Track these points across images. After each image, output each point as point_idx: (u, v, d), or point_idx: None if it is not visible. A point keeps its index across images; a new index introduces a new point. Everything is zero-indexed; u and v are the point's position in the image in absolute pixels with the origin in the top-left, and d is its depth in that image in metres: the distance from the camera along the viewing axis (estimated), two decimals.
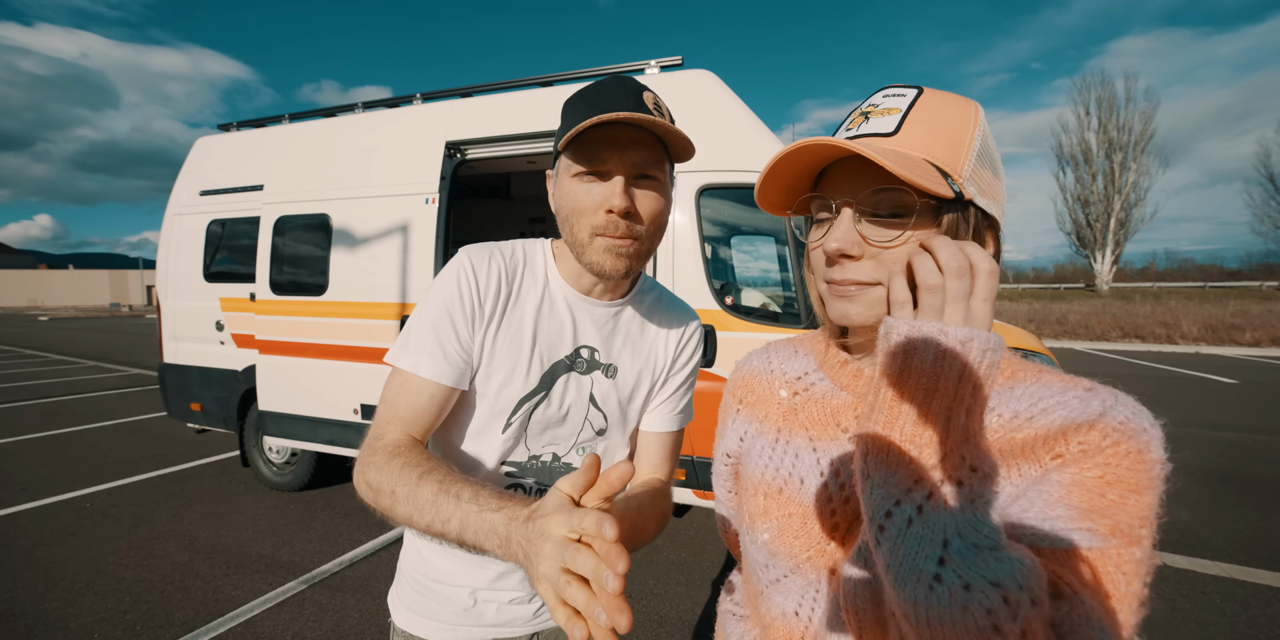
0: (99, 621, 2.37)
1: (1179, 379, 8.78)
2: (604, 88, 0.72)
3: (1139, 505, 0.43)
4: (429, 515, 0.62)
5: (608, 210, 0.70)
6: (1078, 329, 15.41)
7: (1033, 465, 0.47)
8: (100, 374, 9.66)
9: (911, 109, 0.51)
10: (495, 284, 0.77)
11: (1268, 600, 2.55)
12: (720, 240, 3.11)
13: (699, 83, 2.84)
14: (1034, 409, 0.49)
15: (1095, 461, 0.44)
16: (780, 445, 0.61)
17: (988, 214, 0.51)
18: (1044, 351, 3.31)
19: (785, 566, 0.57)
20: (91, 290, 59.09)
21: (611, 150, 0.70)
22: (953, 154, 0.49)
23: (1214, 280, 38.10)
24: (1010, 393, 0.51)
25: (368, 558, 2.97)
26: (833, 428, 0.58)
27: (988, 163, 0.51)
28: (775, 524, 0.58)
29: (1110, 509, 0.43)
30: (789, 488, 0.58)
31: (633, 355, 0.86)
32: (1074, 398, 0.48)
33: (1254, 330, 13.46)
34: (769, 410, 0.65)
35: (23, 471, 4.35)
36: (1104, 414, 0.46)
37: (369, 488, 0.68)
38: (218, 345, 3.96)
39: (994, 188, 0.52)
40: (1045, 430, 0.47)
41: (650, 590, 2.66)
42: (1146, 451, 0.44)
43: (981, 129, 0.51)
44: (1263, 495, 3.76)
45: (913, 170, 0.46)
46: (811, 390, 0.62)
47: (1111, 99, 30.47)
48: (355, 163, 3.39)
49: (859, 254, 0.52)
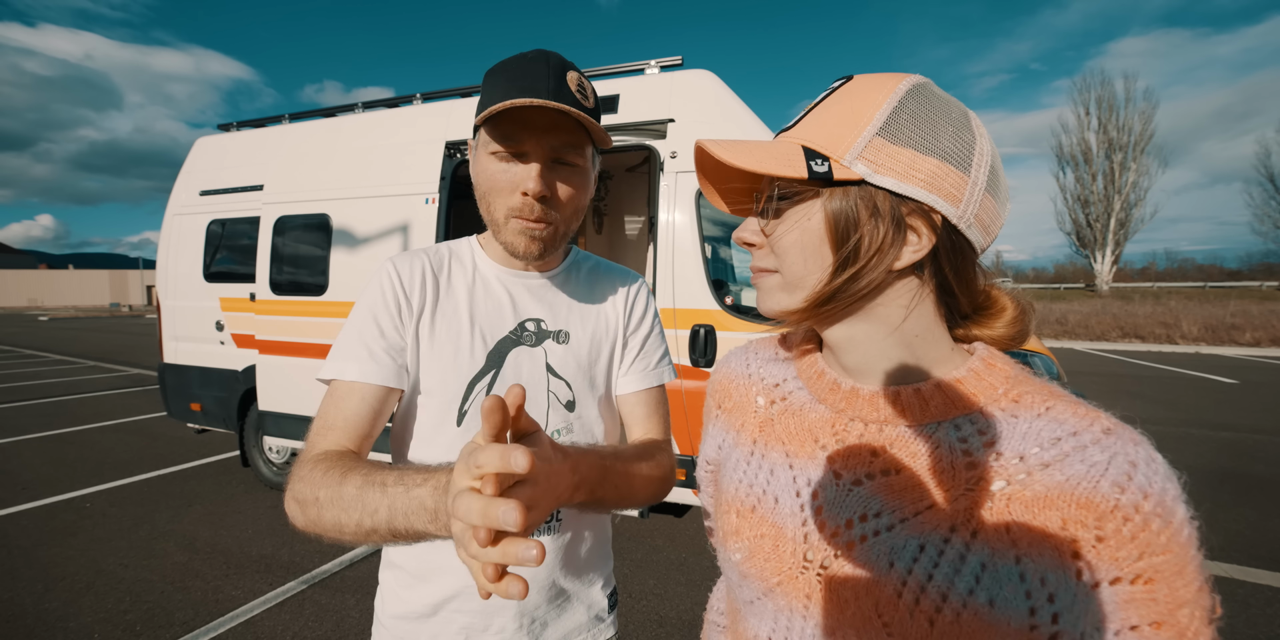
0: (99, 621, 2.37)
1: (1179, 379, 8.78)
2: (526, 64, 0.70)
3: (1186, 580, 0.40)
4: (356, 513, 0.56)
5: (523, 193, 0.71)
6: (1078, 329, 15.40)
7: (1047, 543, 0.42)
8: (100, 374, 9.66)
9: (825, 98, 0.49)
10: (420, 278, 0.77)
11: (1268, 600, 2.55)
12: (720, 240, 3.11)
13: (699, 83, 2.84)
14: (1046, 454, 0.43)
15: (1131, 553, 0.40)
16: (755, 459, 0.57)
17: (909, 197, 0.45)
18: (1044, 351, 3.31)
19: (757, 589, 0.54)
20: (91, 290, 59.09)
21: (529, 133, 0.70)
22: (839, 135, 0.46)
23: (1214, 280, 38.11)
24: (1014, 425, 0.45)
25: (368, 558, 2.97)
26: (810, 444, 0.54)
27: (906, 138, 0.45)
28: (746, 545, 0.55)
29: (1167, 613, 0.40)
30: (762, 506, 0.54)
31: (581, 319, 0.85)
32: (1094, 444, 0.43)
33: (1254, 330, 13.45)
34: (745, 419, 0.61)
35: (23, 471, 4.35)
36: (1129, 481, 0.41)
37: (295, 503, 0.62)
38: (218, 345, 3.96)
39: (917, 166, 0.45)
40: (1060, 493, 0.42)
41: (650, 590, 2.66)
42: (1173, 518, 0.40)
43: (894, 103, 0.46)
44: (1263, 495, 3.76)
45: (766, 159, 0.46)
46: (789, 400, 0.58)
47: (1111, 99, 30.49)
48: (355, 163, 3.39)
49: (758, 242, 0.52)
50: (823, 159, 0.45)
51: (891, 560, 0.46)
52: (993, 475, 0.44)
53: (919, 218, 0.46)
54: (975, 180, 0.46)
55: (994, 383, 0.48)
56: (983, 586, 0.42)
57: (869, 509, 0.48)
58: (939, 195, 0.45)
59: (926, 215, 0.46)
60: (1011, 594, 0.42)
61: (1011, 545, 0.42)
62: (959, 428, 0.47)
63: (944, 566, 0.44)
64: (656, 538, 3.25)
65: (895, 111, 0.46)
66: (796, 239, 0.48)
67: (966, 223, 0.47)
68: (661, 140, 2.82)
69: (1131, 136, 29.90)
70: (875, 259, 0.46)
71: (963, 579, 0.43)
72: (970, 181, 0.46)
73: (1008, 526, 0.43)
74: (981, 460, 0.45)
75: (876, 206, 0.46)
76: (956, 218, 0.46)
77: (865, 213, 0.46)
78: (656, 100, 2.84)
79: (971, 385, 0.48)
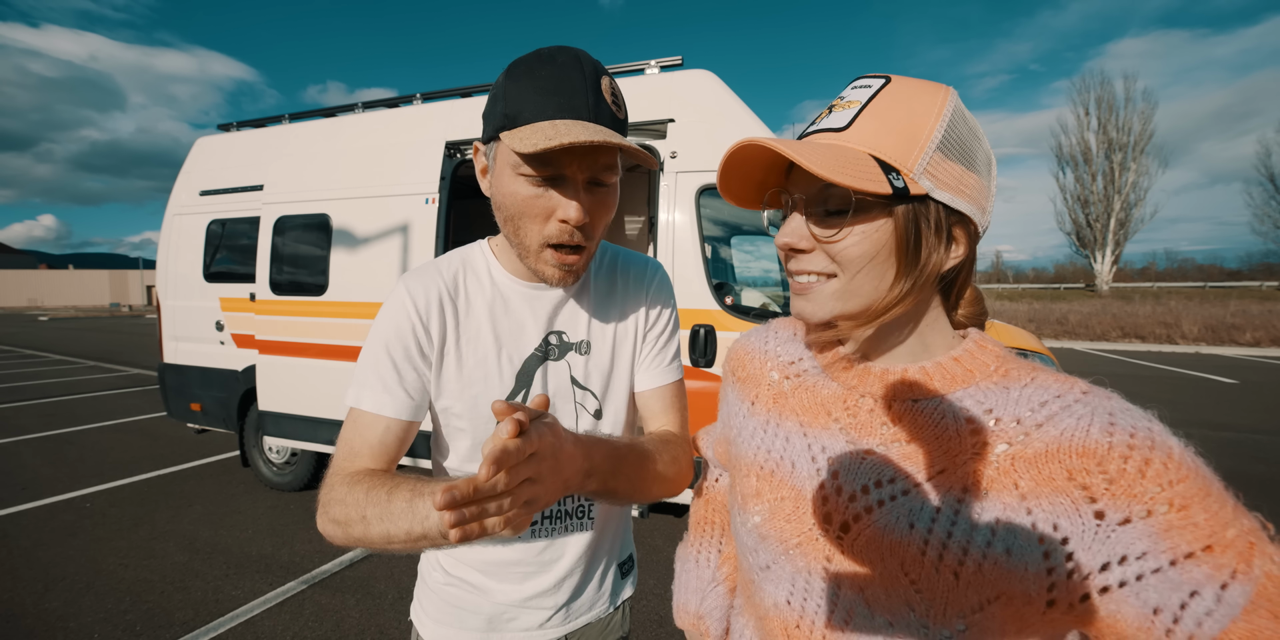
0: (99, 621, 2.37)
1: (1179, 379, 8.78)
2: (558, 70, 0.64)
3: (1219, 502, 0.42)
4: (407, 522, 0.58)
5: (561, 220, 0.67)
6: (1078, 329, 15.40)
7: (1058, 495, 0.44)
8: (100, 374, 9.66)
9: (871, 101, 0.49)
10: (438, 305, 0.75)
11: None
12: (720, 240, 3.11)
13: (699, 82, 2.84)
14: (1037, 416, 0.47)
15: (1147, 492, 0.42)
16: (771, 427, 0.61)
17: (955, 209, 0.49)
18: (1044, 351, 3.31)
19: (774, 551, 0.57)
20: (91, 290, 59.08)
21: (570, 156, 0.65)
22: (905, 147, 0.47)
23: (1214, 280, 38.10)
24: (1006, 394, 0.50)
25: (368, 558, 2.97)
26: (823, 416, 0.57)
27: (956, 154, 0.48)
28: (767, 506, 0.58)
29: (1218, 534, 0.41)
30: (780, 470, 0.58)
31: (602, 326, 0.83)
32: (1076, 403, 0.47)
33: (1254, 330, 13.45)
34: (760, 390, 0.64)
35: (23, 471, 4.35)
36: (1113, 426, 0.44)
37: (335, 524, 0.64)
38: (218, 345, 3.96)
39: (964, 181, 0.49)
40: (1057, 446, 0.45)
41: (650, 590, 2.66)
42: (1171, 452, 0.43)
43: (948, 118, 0.48)
44: (1263, 495, 3.76)
45: (845, 167, 0.46)
46: (803, 377, 0.61)
47: (1111, 99, 30.47)
48: (355, 163, 3.39)
49: (808, 247, 0.52)
50: (896, 173, 0.47)
51: (911, 522, 0.49)
52: (994, 439, 0.48)
53: (960, 228, 0.50)
54: (992, 190, 0.52)
55: (986, 361, 0.53)
56: (999, 538, 0.46)
57: (883, 475, 0.52)
58: (976, 208, 0.50)
59: (965, 225, 0.51)
60: (1026, 542, 0.45)
61: (1021, 498, 0.46)
62: (960, 400, 0.51)
63: (961, 524, 0.47)
64: (656, 538, 3.25)
65: (950, 127, 0.48)
66: (867, 250, 0.50)
67: (984, 228, 0.52)
68: (661, 140, 2.82)
69: (1131, 136, 29.89)
70: (931, 271, 0.50)
71: (980, 533, 0.46)
72: (990, 192, 0.52)
73: (1015, 483, 0.46)
74: (983, 426, 0.49)
75: (933, 220, 0.49)
76: (982, 227, 0.52)
77: (926, 226, 0.49)
78: (656, 100, 2.84)
79: (968, 363, 0.53)
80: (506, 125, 0.65)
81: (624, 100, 0.71)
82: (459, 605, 0.83)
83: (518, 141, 0.61)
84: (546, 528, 0.81)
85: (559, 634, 0.85)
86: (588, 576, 0.87)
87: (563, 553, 0.82)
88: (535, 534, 0.81)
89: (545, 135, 0.60)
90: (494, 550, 0.81)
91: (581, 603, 0.86)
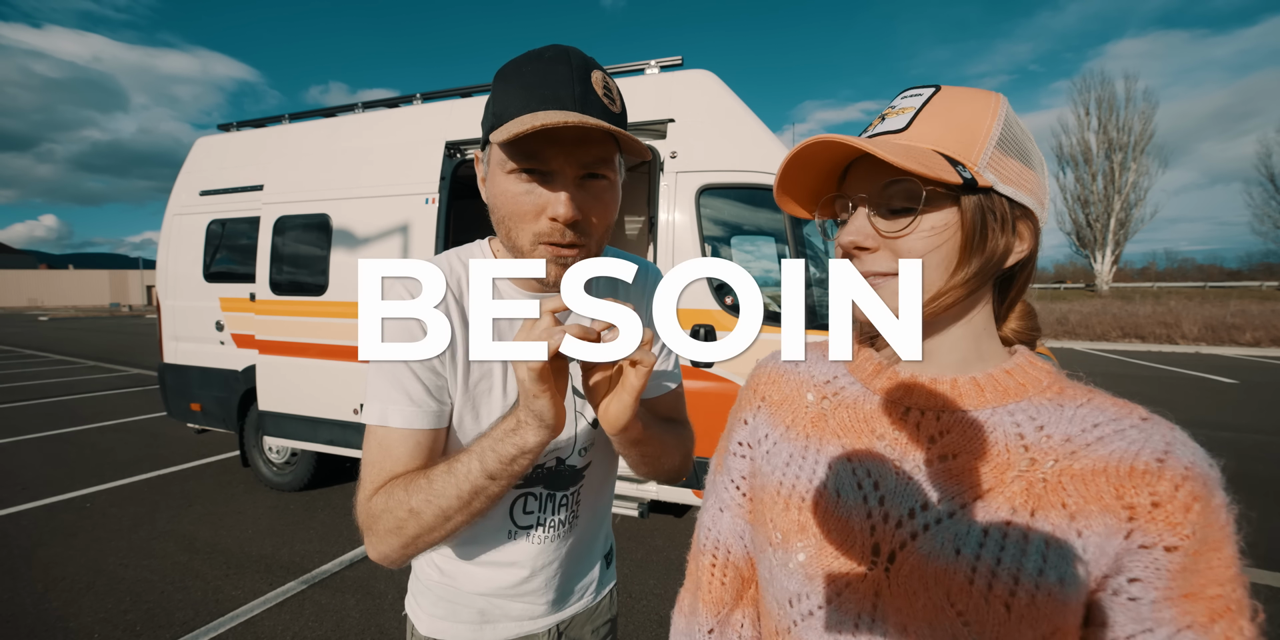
0: (99, 621, 2.37)
1: (1179, 379, 8.78)
2: (545, 66, 0.62)
3: (1224, 562, 0.42)
4: (453, 488, 0.62)
5: (552, 218, 0.63)
6: (1078, 329, 15.40)
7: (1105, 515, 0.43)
8: (100, 374, 9.66)
9: (925, 105, 0.50)
10: (444, 309, 0.72)
11: (1267, 600, 2.54)
12: (720, 240, 3.11)
13: (699, 83, 2.84)
14: (1089, 436, 0.46)
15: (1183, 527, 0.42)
16: (811, 453, 0.56)
17: (1019, 204, 0.49)
18: (1044, 351, 3.31)
19: (822, 595, 0.51)
20: (91, 290, 59.08)
21: (555, 149, 0.62)
22: (967, 143, 0.48)
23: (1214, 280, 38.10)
24: (1060, 412, 0.48)
25: (368, 558, 2.97)
26: (867, 435, 0.53)
27: (1014, 152, 0.49)
28: (814, 542, 0.52)
29: (1202, 588, 0.42)
30: (825, 501, 0.53)
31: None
32: (1132, 428, 0.46)
33: (1254, 330, 13.45)
34: (796, 415, 0.59)
35: (23, 471, 4.35)
36: (1168, 453, 0.43)
37: (391, 533, 0.65)
38: (218, 345, 3.96)
39: (1024, 177, 0.50)
40: (1105, 465, 0.44)
41: (650, 590, 2.66)
42: (1215, 497, 0.42)
43: (1003, 119, 0.49)
44: (1263, 495, 3.77)
45: (916, 159, 0.46)
46: (841, 394, 0.57)
47: (1111, 99, 30.47)
48: (355, 163, 3.39)
49: (873, 246, 0.51)
50: (962, 166, 0.47)
51: (958, 547, 0.45)
52: (1044, 456, 0.46)
53: (1024, 223, 0.50)
54: (1048, 189, 0.53)
55: (1039, 376, 0.51)
56: (1050, 565, 0.43)
57: (930, 497, 0.48)
58: (1037, 203, 0.50)
59: (1029, 221, 0.51)
60: (1077, 569, 0.43)
61: (1070, 519, 0.44)
62: (1012, 414, 0.49)
63: (1010, 549, 0.44)
64: (657, 538, 3.25)
65: (1006, 126, 0.49)
66: (934, 243, 0.49)
67: (1043, 223, 0.52)
68: (661, 140, 2.82)
69: (1131, 137, 29.89)
70: (997, 265, 0.50)
71: (1030, 559, 0.43)
72: (1047, 191, 0.52)
73: (1063, 502, 0.44)
74: (1034, 443, 0.47)
75: (999, 212, 0.49)
76: (1042, 222, 0.51)
77: (993, 218, 0.49)
78: (656, 100, 2.84)
79: (1021, 376, 0.51)
80: (494, 125, 0.63)
81: (620, 95, 0.68)
82: (452, 600, 0.85)
83: (499, 135, 0.60)
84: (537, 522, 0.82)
85: (549, 623, 0.88)
86: (575, 568, 0.89)
87: (551, 546, 0.84)
88: (526, 529, 0.82)
89: (520, 122, 0.58)
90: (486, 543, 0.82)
91: (571, 593, 0.89)
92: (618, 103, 0.66)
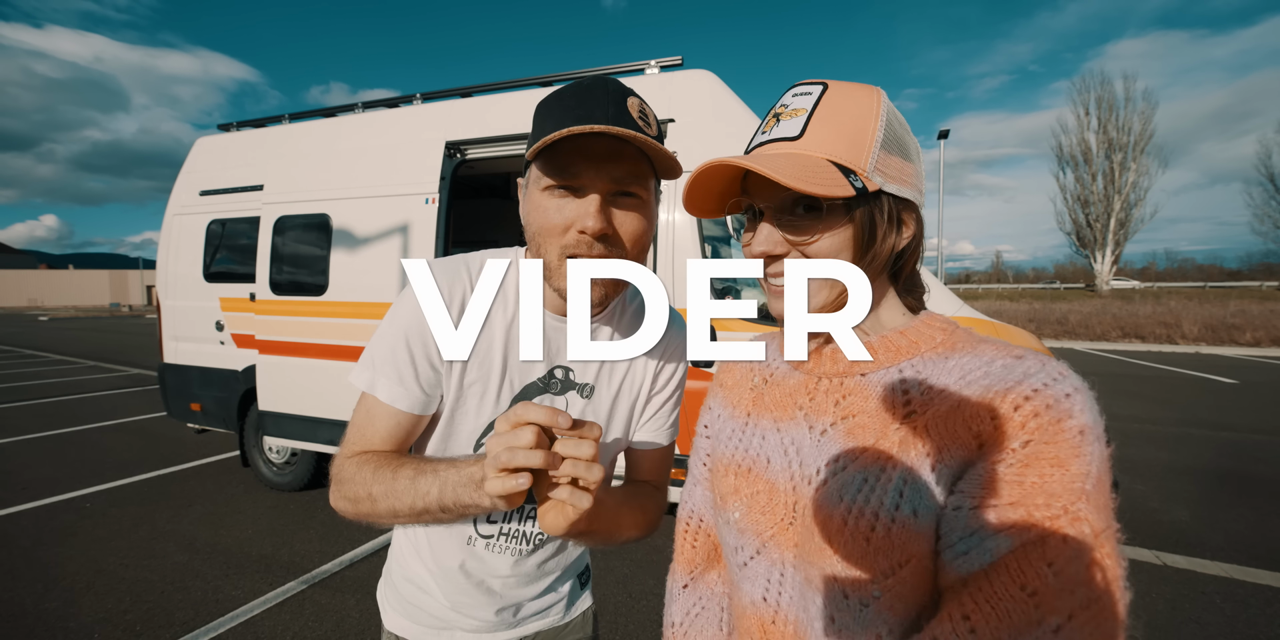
0: (99, 621, 2.37)
1: (1179, 379, 8.78)
2: (583, 91, 0.65)
3: (1063, 479, 0.42)
4: (409, 497, 0.62)
5: (580, 230, 0.65)
6: (1078, 329, 15.40)
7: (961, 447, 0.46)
8: (100, 374, 9.66)
9: (816, 108, 0.54)
10: (460, 303, 0.72)
11: (1268, 600, 2.55)
12: (720, 240, 3.11)
13: (699, 83, 2.84)
14: (964, 381, 0.49)
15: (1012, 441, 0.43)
16: (750, 428, 0.64)
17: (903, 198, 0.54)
18: (1044, 351, 3.32)
19: (753, 546, 0.59)
20: (91, 290, 59.09)
21: (587, 163, 0.64)
22: (856, 148, 0.52)
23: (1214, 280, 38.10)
24: (944, 364, 0.52)
25: (368, 558, 2.97)
26: (791, 408, 0.60)
27: (895, 149, 0.54)
28: (744, 502, 0.60)
29: (1028, 496, 0.42)
30: (757, 466, 0.61)
31: (610, 375, 0.80)
32: (1000, 366, 0.48)
33: (1254, 330, 13.45)
34: (741, 395, 0.68)
35: (23, 471, 4.34)
36: (1022, 381, 0.45)
37: (347, 501, 0.69)
38: (218, 345, 3.96)
39: (905, 172, 0.54)
40: (965, 401, 0.47)
41: (650, 590, 2.67)
42: (1067, 418, 0.43)
43: (885, 117, 0.53)
44: (1263, 495, 3.76)
45: (812, 176, 0.49)
46: (775, 375, 0.65)
47: (1111, 99, 30.46)
48: (355, 163, 3.39)
49: (783, 252, 0.55)
50: (854, 174, 0.51)
51: (840, 495, 0.52)
52: (923, 407, 0.50)
53: (907, 214, 0.55)
54: (922, 172, 0.57)
55: (931, 334, 0.56)
56: (906, 499, 0.48)
57: (831, 454, 0.55)
58: (917, 192, 0.56)
59: (912, 209, 0.55)
60: (930, 501, 0.47)
61: (926, 457, 0.48)
62: (901, 371, 0.54)
63: (877, 490, 0.49)
64: (656, 538, 3.25)
65: (888, 125, 0.53)
66: (832, 244, 0.54)
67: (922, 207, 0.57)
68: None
69: (1131, 136, 29.88)
70: (889, 253, 0.55)
71: (889, 497, 0.48)
72: (922, 175, 0.57)
73: (926, 441, 0.48)
74: (915, 395, 0.51)
75: (885, 210, 0.53)
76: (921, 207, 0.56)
77: (880, 216, 0.53)
78: (656, 100, 2.83)
79: (913, 336, 0.56)
80: (530, 144, 0.66)
81: (656, 121, 0.69)
82: (412, 601, 0.86)
83: (532, 150, 0.63)
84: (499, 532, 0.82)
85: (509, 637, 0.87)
86: (539, 583, 0.88)
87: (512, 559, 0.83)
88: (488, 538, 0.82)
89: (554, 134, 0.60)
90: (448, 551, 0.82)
91: (534, 611, 0.88)
92: (654, 128, 0.67)
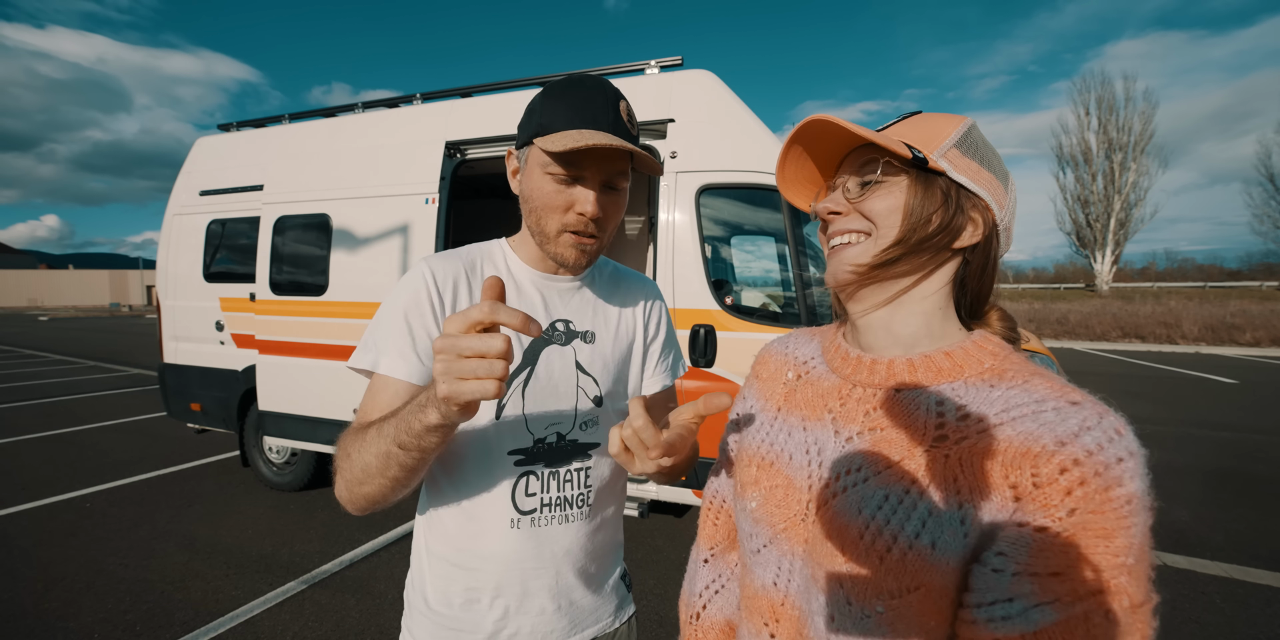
0: (99, 621, 2.37)
1: (1179, 379, 8.79)
2: (585, 95, 0.77)
3: (1108, 552, 0.41)
4: (374, 445, 0.65)
5: (579, 213, 0.78)
6: (1078, 329, 15.41)
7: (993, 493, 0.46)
8: (100, 374, 9.66)
9: (902, 120, 0.60)
10: (453, 279, 0.82)
11: (1268, 600, 2.55)
12: (720, 240, 3.11)
13: (699, 83, 2.84)
14: (1002, 417, 0.48)
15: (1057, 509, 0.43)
16: (778, 422, 0.66)
17: (972, 192, 0.55)
18: (1044, 351, 3.32)
19: (765, 535, 0.61)
20: (91, 290, 59.06)
21: (589, 160, 0.77)
22: (929, 140, 0.55)
23: (1214, 280, 38.07)
24: (988, 392, 0.51)
25: (368, 558, 2.97)
26: (821, 409, 0.62)
27: (973, 154, 0.56)
28: (762, 493, 0.63)
29: (1072, 567, 0.42)
30: (779, 461, 0.63)
31: (605, 321, 0.91)
32: (1051, 409, 0.46)
33: (1254, 330, 13.46)
34: (775, 389, 0.70)
35: (23, 471, 4.35)
36: (1073, 439, 0.43)
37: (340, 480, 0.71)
38: (218, 345, 3.96)
39: (979, 174, 0.56)
40: (1004, 446, 0.46)
41: (651, 590, 2.67)
42: (1116, 486, 0.42)
43: (966, 129, 0.57)
44: (1263, 495, 3.76)
45: (875, 135, 0.53)
46: (810, 373, 0.66)
47: (1111, 99, 30.42)
48: (355, 163, 3.39)
49: (844, 210, 0.59)
50: (917, 150, 0.55)
51: (860, 507, 0.52)
52: (955, 434, 0.50)
53: (976, 212, 0.56)
54: (1011, 199, 0.58)
55: (981, 358, 0.55)
56: (928, 530, 0.48)
57: (854, 463, 0.55)
58: (993, 198, 0.56)
59: (982, 212, 0.56)
60: (952, 537, 0.47)
61: (956, 493, 0.48)
62: (940, 393, 0.54)
63: (900, 512, 0.50)
64: (657, 538, 3.25)
65: (966, 134, 0.57)
66: (883, 205, 0.56)
67: (1004, 226, 0.57)
68: (661, 140, 2.82)
69: (1131, 137, 29.85)
70: (943, 236, 0.55)
71: (911, 523, 0.49)
72: (1009, 198, 0.58)
73: (956, 477, 0.48)
74: (949, 421, 0.51)
75: (948, 194, 0.55)
76: (999, 219, 0.57)
77: (940, 196, 0.55)
78: (656, 100, 2.83)
79: (959, 358, 0.55)
80: (540, 132, 0.76)
81: (636, 120, 0.83)
82: (455, 627, 0.82)
83: (550, 143, 0.73)
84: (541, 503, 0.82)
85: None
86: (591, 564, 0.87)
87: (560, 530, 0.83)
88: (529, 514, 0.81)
89: (573, 139, 0.72)
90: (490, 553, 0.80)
91: (584, 609, 0.87)
92: (635, 127, 0.82)
